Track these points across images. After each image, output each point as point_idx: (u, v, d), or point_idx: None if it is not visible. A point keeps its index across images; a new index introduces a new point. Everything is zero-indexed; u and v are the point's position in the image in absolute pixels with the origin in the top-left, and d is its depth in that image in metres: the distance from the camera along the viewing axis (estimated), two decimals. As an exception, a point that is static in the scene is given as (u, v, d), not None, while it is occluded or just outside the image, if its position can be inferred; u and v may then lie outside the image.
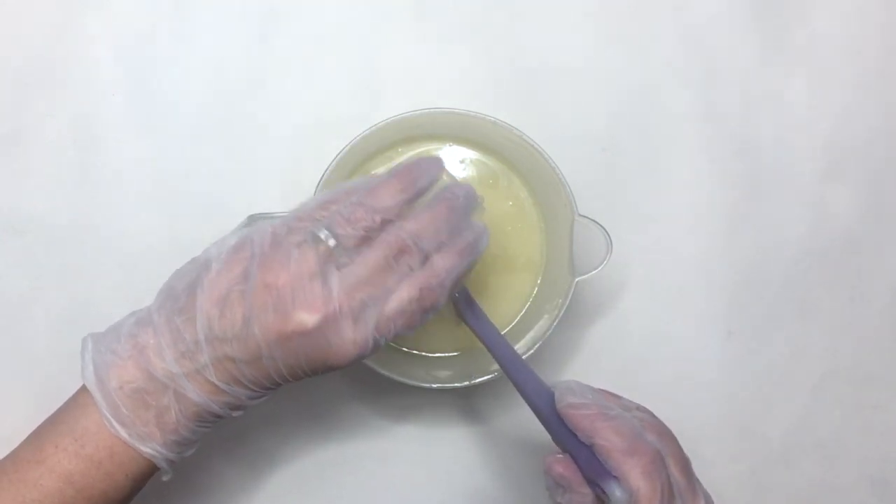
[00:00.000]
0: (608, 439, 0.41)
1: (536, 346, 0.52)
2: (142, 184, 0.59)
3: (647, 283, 0.60)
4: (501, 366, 0.46)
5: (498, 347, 0.47)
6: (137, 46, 0.60)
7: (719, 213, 0.61)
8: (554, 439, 0.44)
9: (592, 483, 0.42)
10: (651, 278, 0.60)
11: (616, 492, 0.40)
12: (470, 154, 0.57)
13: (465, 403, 0.58)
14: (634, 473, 0.40)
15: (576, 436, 0.42)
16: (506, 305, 0.55)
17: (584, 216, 0.52)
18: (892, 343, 0.60)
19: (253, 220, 0.52)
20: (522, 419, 0.58)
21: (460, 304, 0.48)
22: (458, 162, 0.56)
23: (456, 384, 0.52)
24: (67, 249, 0.58)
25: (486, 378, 0.52)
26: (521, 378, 0.45)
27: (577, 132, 0.61)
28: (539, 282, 0.56)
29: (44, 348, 0.57)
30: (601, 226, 0.52)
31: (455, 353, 0.55)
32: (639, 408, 0.45)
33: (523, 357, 0.50)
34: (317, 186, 0.52)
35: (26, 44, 0.60)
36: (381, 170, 0.56)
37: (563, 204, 0.53)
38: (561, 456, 0.43)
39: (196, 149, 0.60)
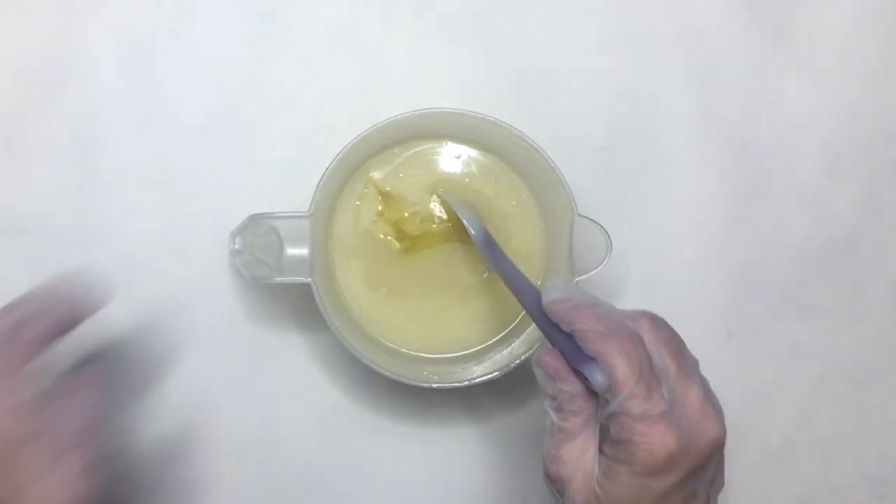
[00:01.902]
0: (586, 324, 0.41)
1: (536, 347, 0.52)
2: (142, 184, 0.59)
3: (646, 283, 0.60)
4: (521, 302, 0.47)
5: (517, 283, 0.47)
6: (137, 46, 0.60)
7: (719, 212, 0.61)
8: (549, 342, 0.44)
9: (579, 372, 0.41)
10: (651, 278, 0.60)
11: (597, 375, 0.40)
12: (470, 154, 0.57)
13: (466, 403, 0.58)
14: (611, 353, 0.40)
15: (559, 328, 0.42)
16: (506, 305, 0.55)
17: (584, 216, 0.52)
18: (892, 343, 0.60)
19: (253, 220, 0.53)
20: (523, 419, 0.58)
21: (482, 249, 0.49)
22: (459, 162, 0.56)
23: (456, 384, 0.52)
24: (67, 249, 0.58)
25: (486, 378, 0.52)
26: (529, 301, 0.45)
27: (576, 132, 0.61)
28: (539, 282, 0.56)
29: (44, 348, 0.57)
30: (601, 226, 0.52)
31: (456, 354, 0.55)
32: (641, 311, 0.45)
33: (522, 358, 0.51)
34: (317, 186, 0.52)
35: (26, 44, 0.60)
36: (377, 174, 0.56)
37: (563, 204, 0.53)
38: (549, 348, 0.43)
39: (196, 149, 0.60)
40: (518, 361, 0.52)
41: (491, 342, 0.55)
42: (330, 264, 0.55)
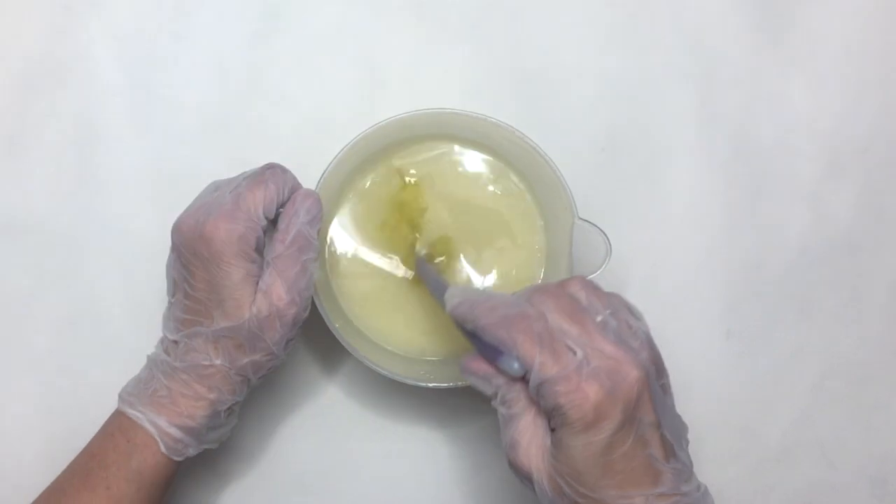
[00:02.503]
0: (483, 319, 0.42)
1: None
2: (142, 184, 0.59)
3: (646, 283, 0.60)
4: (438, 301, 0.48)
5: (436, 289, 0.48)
6: (137, 46, 0.61)
7: (719, 213, 0.61)
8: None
9: (501, 370, 0.43)
10: (651, 278, 0.60)
11: (511, 363, 0.41)
12: (471, 155, 0.56)
13: (464, 404, 0.58)
14: (510, 336, 0.41)
15: (468, 332, 0.44)
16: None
17: (585, 220, 0.52)
18: (892, 343, 0.60)
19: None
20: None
21: (417, 270, 0.53)
22: (460, 163, 0.56)
23: (452, 384, 0.52)
24: (67, 249, 0.58)
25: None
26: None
27: (576, 132, 0.61)
28: (539, 283, 0.56)
29: (44, 348, 0.57)
30: (601, 230, 0.52)
31: (454, 358, 0.55)
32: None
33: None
34: (317, 186, 0.52)
35: (26, 44, 0.60)
36: (397, 162, 0.56)
37: (564, 207, 0.53)
38: (470, 354, 0.44)
39: (196, 148, 0.60)
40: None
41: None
42: (329, 266, 0.55)
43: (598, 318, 0.43)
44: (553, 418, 0.41)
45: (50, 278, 0.58)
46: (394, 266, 0.56)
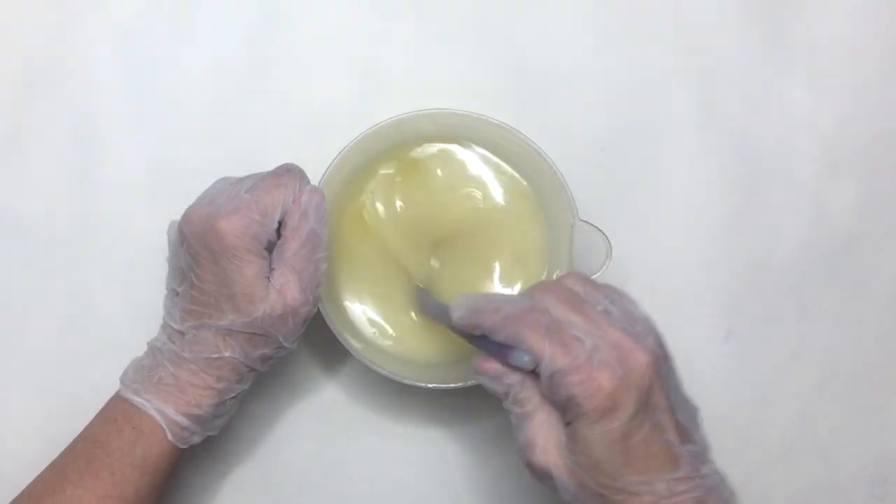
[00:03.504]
0: (489, 320, 0.43)
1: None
2: (142, 184, 0.59)
3: (646, 283, 0.60)
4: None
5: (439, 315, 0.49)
6: (137, 46, 0.61)
7: (719, 213, 0.61)
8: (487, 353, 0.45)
9: (512, 366, 0.43)
10: (650, 278, 0.60)
11: (522, 357, 0.42)
12: (472, 155, 0.56)
13: (464, 404, 0.58)
14: (517, 332, 0.42)
15: (475, 336, 0.44)
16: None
17: (585, 221, 0.52)
18: (892, 343, 0.60)
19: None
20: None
21: (419, 304, 0.53)
22: (460, 163, 0.56)
23: (451, 384, 0.52)
24: (67, 249, 0.58)
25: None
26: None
27: (576, 132, 0.61)
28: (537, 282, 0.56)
29: (44, 348, 0.57)
30: (602, 231, 0.52)
31: (454, 360, 0.55)
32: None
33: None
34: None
35: (26, 44, 0.60)
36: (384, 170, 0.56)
37: (564, 208, 0.53)
38: (481, 356, 0.45)
39: (196, 148, 0.60)
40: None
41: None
42: (330, 265, 0.55)
43: (600, 308, 0.43)
44: (567, 411, 0.41)
45: (50, 278, 0.58)
46: (396, 266, 0.56)
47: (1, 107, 0.59)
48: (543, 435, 0.42)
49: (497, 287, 0.56)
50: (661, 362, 0.42)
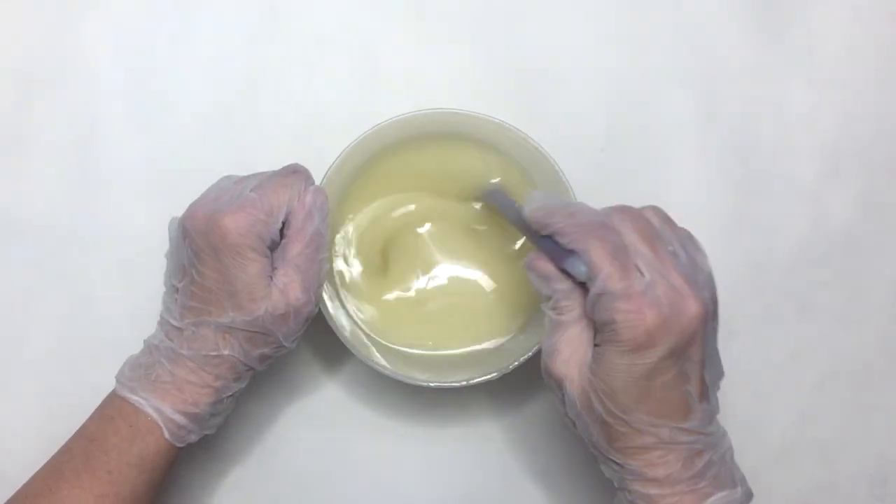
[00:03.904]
0: (561, 223, 0.43)
1: (535, 349, 0.52)
2: (142, 184, 0.59)
3: (646, 283, 0.60)
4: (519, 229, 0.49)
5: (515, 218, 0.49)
6: (137, 46, 0.61)
7: (719, 212, 0.61)
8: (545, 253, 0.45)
9: (566, 272, 0.43)
10: (651, 278, 0.60)
11: (578, 266, 0.42)
12: (473, 156, 0.56)
13: (464, 404, 0.58)
14: (584, 241, 0.42)
15: (541, 235, 0.45)
16: (505, 308, 0.55)
17: None
18: (892, 343, 0.60)
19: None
20: (520, 420, 0.58)
21: (490, 197, 0.54)
22: (461, 163, 0.56)
23: (454, 384, 0.52)
24: (67, 249, 0.58)
25: (484, 379, 0.52)
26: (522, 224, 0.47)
27: (576, 132, 0.61)
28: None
29: (44, 348, 0.58)
30: None
31: (455, 352, 0.55)
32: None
33: (520, 360, 0.52)
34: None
35: (26, 44, 0.60)
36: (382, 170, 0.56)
37: None
38: (537, 253, 0.45)
39: (196, 149, 0.60)
40: (516, 363, 0.52)
41: (488, 346, 0.55)
42: (331, 264, 0.55)
43: (670, 249, 0.43)
44: (602, 332, 0.41)
45: (50, 278, 0.58)
46: (398, 267, 0.56)
47: (1, 107, 0.59)
48: (571, 348, 0.43)
49: (497, 284, 0.56)
50: (710, 317, 0.42)
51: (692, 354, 0.42)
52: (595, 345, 0.42)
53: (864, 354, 0.60)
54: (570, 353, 0.43)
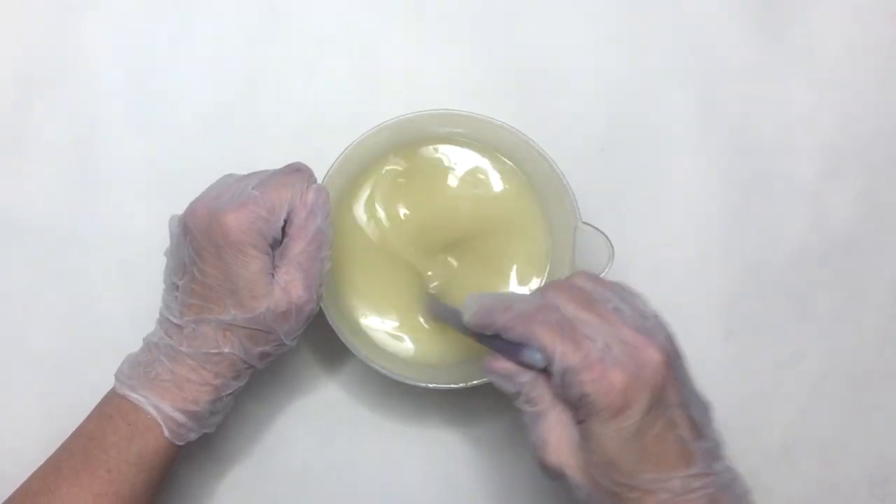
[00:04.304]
0: (502, 319, 0.43)
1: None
2: (142, 184, 0.59)
3: (646, 283, 0.59)
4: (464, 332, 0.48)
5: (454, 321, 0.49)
6: (137, 46, 0.61)
7: (719, 213, 0.61)
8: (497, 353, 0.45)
9: (524, 365, 0.43)
10: (650, 278, 0.60)
11: (534, 355, 0.42)
12: (473, 156, 0.56)
13: (465, 405, 0.58)
14: (530, 330, 0.42)
15: (486, 336, 0.45)
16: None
17: (588, 224, 0.52)
18: (892, 343, 0.60)
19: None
20: (520, 421, 0.58)
21: (431, 309, 0.54)
22: (462, 164, 0.56)
23: (452, 385, 0.52)
24: (67, 249, 0.58)
25: (484, 380, 0.52)
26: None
27: (575, 132, 0.61)
28: (542, 284, 0.56)
29: (44, 348, 0.58)
30: (604, 234, 0.52)
31: (457, 361, 0.55)
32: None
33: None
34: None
35: (26, 44, 0.60)
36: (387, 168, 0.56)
37: (567, 210, 0.53)
38: (492, 356, 0.45)
39: (196, 149, 0.60)
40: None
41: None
42: (333, 263, 0.55)
43: (610, 306, 0.43)
44: (580, 409, 0.41)
45: (50, 278, 0.58)
46: (399, 266, 0.56)
47: (1, 107, 0.59)
48: (557, 434, 0.42)
49: (501, 290, 0.56)
50: (673, 359, 0.42)
51: (670, 399, 0.41)
52: (578, 422, 0.42)
53: (863, 354, 0.60)
54: (558, 440, 0.42)
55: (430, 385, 0.52)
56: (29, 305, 0.58)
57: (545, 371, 0.42)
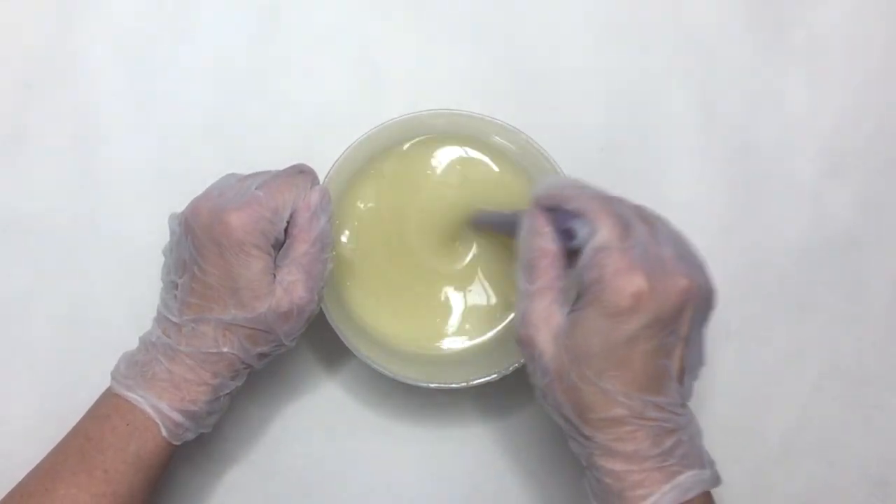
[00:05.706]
0: (570, 191, 0.44)
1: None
2: (142, 183, 0.59)
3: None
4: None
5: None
6: (138, 46, 0.61)
7: (719, 212, 0.61)
8: None
9: (564, 232, 0.44)
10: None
11: (583, 228, 0.42)
12: (473, 156, 0.56)
13: (465, 405, 0.58)
14: (591, 204, 0.43)
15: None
16: (505, 307, 0.55)
17: None
18: (892, 343, 0.60)
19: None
20: (521, 421, 0.58)
21: (480, 219, 0.54)
22: (462, 164, 0.56)
23: (452, 385, 0.52)
24: (67, 249, 0.58)
25: (484, 380, 0.52)
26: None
27: (575, 132, 0.61)
28: None
29: (44, 348, 0.58)
30: None
31: (454, 350, 0.55)
32: None
33: (520, 362, 0.51)
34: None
35: (26, 44, 0.60)
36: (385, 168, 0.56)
37: None
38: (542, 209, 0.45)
39: (196, 148, 0.60)
40: (516, 365, 0.52)
41: (486, 341, 0.55)
42: (333, 264, 0.55)
43: (667, 234, 0.44)
44: (586, 294, 0.41)
45: (50, 278, 0.58)
46: (400, 265, 0.56)
47: (1, 107, 0.59)
48: (544, 315, 0.43)
49: (496, 285, 0.56)
50: (701, 301, 0.42)
51: (678, 329, 0.41)
52: (572, 311, 0.42)
53: (863, 354, 0.60)
54: (543, 320, 0.43)
55: (431, 385, 0.52)
56: (29, 305, 0.58)
57: (570, 256, 0.43)
